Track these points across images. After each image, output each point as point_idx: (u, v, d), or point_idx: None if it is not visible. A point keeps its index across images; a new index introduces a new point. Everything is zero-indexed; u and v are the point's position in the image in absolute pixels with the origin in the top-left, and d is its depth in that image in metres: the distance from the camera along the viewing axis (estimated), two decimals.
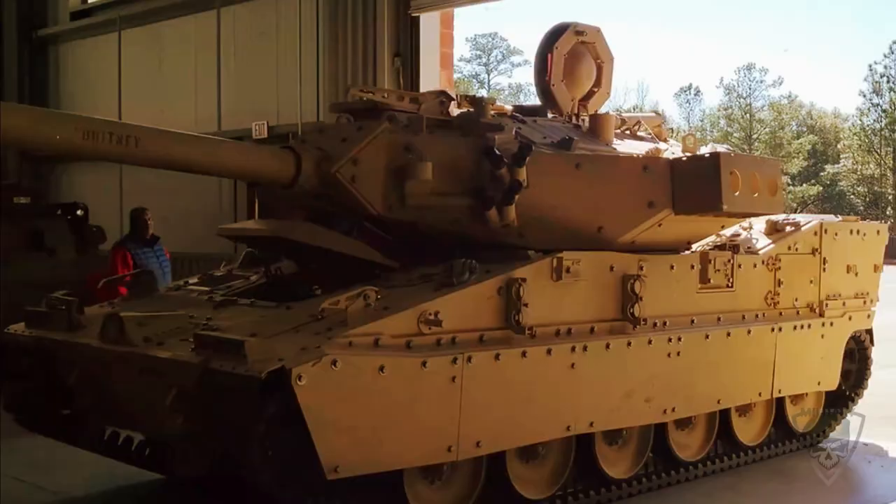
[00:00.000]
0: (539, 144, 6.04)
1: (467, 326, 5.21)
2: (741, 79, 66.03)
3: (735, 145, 50.46)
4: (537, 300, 5.49)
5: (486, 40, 72.64)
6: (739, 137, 62.21)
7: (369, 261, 5.77)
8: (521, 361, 5.33)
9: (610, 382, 5.87)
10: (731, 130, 64.29)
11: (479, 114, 6.09)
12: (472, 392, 5.07)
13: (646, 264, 6.14)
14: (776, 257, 7.15)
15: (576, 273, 5.72)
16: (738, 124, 65.16)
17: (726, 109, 67.12)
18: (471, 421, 5.09)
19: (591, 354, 5.69)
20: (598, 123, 6.79)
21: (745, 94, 65.99)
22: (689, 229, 6.59)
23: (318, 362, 4.40)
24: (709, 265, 6.56)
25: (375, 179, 5.67)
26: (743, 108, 65.81)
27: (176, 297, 6.14)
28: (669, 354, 6.20)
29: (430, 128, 5.95)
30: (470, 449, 5.15)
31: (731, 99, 66.84)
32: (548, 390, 5.51)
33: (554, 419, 5.60)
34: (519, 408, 5.36)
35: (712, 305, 6.66)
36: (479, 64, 73.46)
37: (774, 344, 7.00)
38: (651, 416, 6.21)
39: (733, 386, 6.76)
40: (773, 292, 7.13)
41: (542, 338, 5.53)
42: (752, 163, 6.41)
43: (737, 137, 61.87)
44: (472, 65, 72.86)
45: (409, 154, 5.68)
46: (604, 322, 5.93)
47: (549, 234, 5.89)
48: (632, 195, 6.17)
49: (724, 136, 60.55)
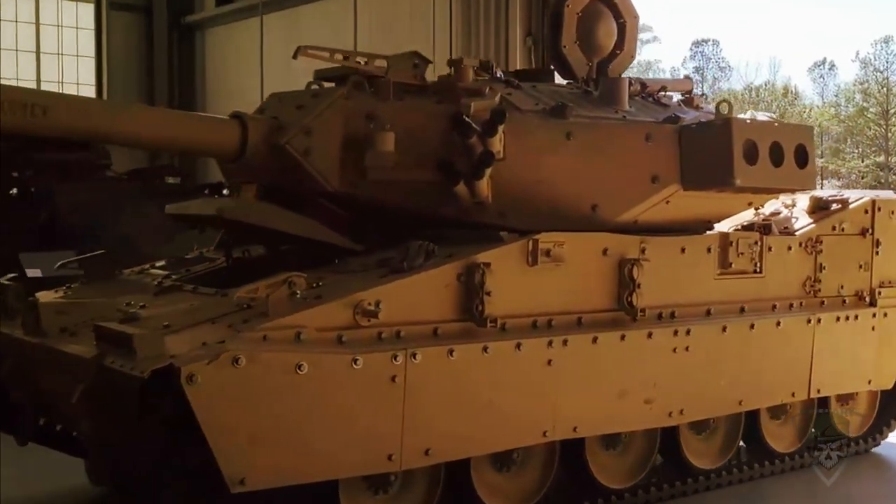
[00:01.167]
0: (526, 111, 5.35)
1: (418, 318, 4.58)
2: (878, 52, 63.12)
3: (871, 120, 48.26)
4: (507, 288, 4.82)
5: None
6: (876, 112, 59.53)
7: (329, 244, 5.20)
8: (482, 358, 4.66)
9: (598, 381, 5.15)
10: (868, 105, 61.62)
11: (458, 78, 5.44)
12: (417, 393, 4.43)
13: (649, 247, 5.39)
14: (817, 239, 6.27)
15: (557, 257, 5.01)
16: (874, 99, 62.38)
17: (862, 84, 64.33)
18: (417, 426, 4.46)
19: (573, 349, 4.98)
20: (609, 89, 6.02)
21: (883, 67, 63.06)
22: (707, 207, 5.79)
23: (214, 360, 3.84)
24: (730, 248, 5.76)
25: (331, 152, 5.07)
26: (880, 82, 62.96)
27: (130, 282, 5.67)
28: (675, 349, 5.43)
29: (401, 94, 5.34)
30: (417, 458, 4.52)
31: (867, 73, 64.00)
32: (518, 390, 4.82)
33: (526, 423, 4.91)
34: (480, 411, 4.70)
35: (735, 294, 5.85)
36: None
37: (812, 337, 6.13)
38: (653, 420, 5.46)
39: (759, 385, 5.93)
40: (812, 278, 6.26)
41: (514, 331, 4.85)
42: (776, 130, 5.53)
43: (873, 112, 59.23)
44: None
45: (371, 123, 5.08)
46: (595, 313, 5.22)
47: (535, 213, 5.20)
48: (632, 169, 5.41)
49: (859, 112, 58.10)
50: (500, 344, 4.72)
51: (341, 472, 4.40)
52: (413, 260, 4.65)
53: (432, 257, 4.71)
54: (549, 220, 5.18)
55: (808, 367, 6.12)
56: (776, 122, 5.66)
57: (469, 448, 4.77)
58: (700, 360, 5.54)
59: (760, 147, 5.33)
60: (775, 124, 5.60)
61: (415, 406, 4.42)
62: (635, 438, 5.65)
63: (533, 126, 5.24)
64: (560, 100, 5.55)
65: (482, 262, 4.72)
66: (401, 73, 5.43)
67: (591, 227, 5.31)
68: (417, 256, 4.67)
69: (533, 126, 5.24)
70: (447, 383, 4.55)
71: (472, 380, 4.64)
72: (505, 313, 4.80)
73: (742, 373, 5.79)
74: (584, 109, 5.56)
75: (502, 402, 4.77)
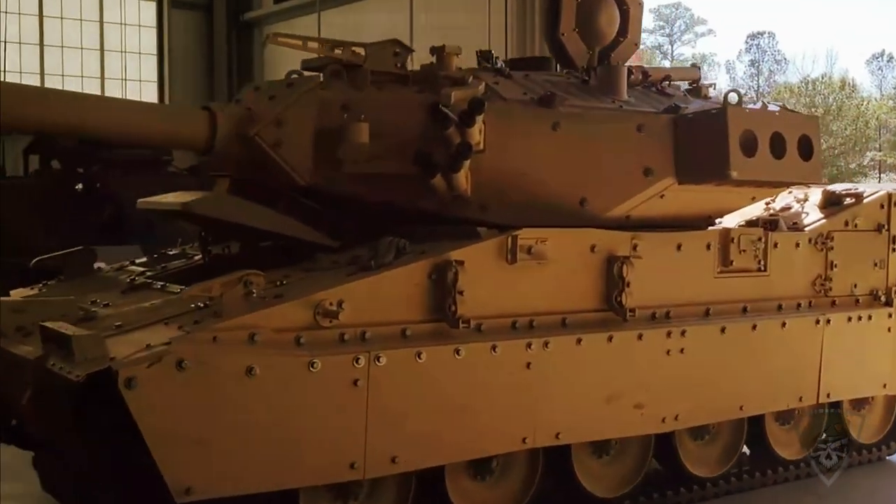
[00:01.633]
0: (511, 101, 5.09)
1: (386, 319, 4.34)
2: None
3: None
4: (483, 287, 4.56)
5: (669, 10, 70.24)
6: None
7: (305, 241, 4.97)
8: (454, 361, 4.41)
9: (583, 385, 4.88)
10: None
11: (440, 66, 5.20)
12: (382, 398, 4.19)
13: (641, 243, 5.11)
14: (827, 235, 5.94)
15: (539, 254, 4.74)
16: None
17: None
18: (382, 433, 4.22)
19: (555, 352, 4.70)
20: (606, 77, 5.73)
21: None
22: (706, 202, 5.48)
23: (156, 362, 3.64)
24: (731, 245, 5.45)
25: (303, 144, 4.86)
26: None
27: (107, 279, 5.50)
28: (669, 352, 5.14)
29: (380, 84, 5.10)
30: (382, 466, 4.28)
31: None
32: (494, 395, 4.56)
33: (503, 430, 4.64)
34: (452, 416, 4.45)
35: (737, 293, 5.55)
36: (663, 35, 70.98)
37: (821, 338, 5.80)
38: (644, 426, 5.16)
39: (762, 389, 5.61)
40: (823, 277, 5.93)
41: (491, 332, 4.59)
42: (777, 120, 5.22)
43: None
44: (654, 35, 70.44)
45: (345, 114, 4.86)
46: (582, 313, 4.95)
47: (520, 208, 4.94)
48: (623, 161, 5.13)
49: None
50: (474, 346, 4.46)
51: (299, 481, 4.17)
52: (382, 257, 4.42)
53: (403, 254, 4.48)
54: (534, 215, 4.93)
55: (816, 370, 5.80)
56: (779, 112, 5.34)
57: (440, 456, 4.52)
58: (697, 362, 5.25)
59: (760, 138, 5.02)
60: (776, 114, 5.27)
61: (379, 411, 4.18)
62: (628, 445, 5.37)
63: (517, 116, 4.99)
64: (552, 89, 5.28)
65: (455, 259, 4.47)
66: (380, 61, 5.19)
67: (580, 222, 5.04)
68: (387, 253, 4.44)
69: (517, 116, 4.99)
70: (415, 387, 4.31)
71: (443, 384, 4.39)
72: (481, 314, 4.55)
73: (744, 376, 5.48)
74: (577, 99, 5.29)
75: (477, 407, 4.51)
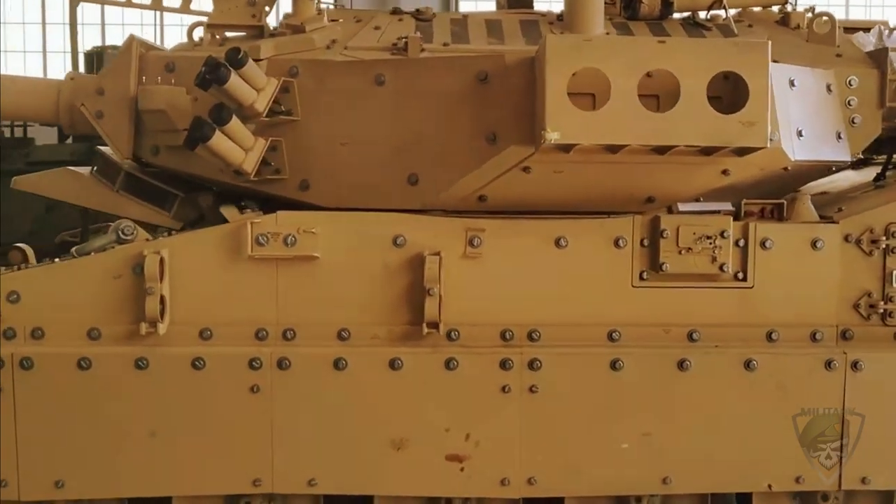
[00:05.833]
0: (354, 49, 4.03)
1: (67, 316, 3.73)
2: None
3: None
4: (199, 288, 3.71)
5: None
6: None
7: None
8: (139, 377, 3.64)
9: (357, 425, 3.70)
10: None
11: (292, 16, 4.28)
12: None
13: (486, 235, 3.72)
14: (887, 229, 3.75)
15: (306, 248, 3.70)
16: None
17: None
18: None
19: (295, 377, 3.64)
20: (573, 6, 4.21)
21: None
22: (631, 177, 3.76)
23: None
24: (660, 239, 3.71)
25: (123, 114, 4.36)
26: None
27: None
28: (506, 389, 3.66)
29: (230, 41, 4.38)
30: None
31: None
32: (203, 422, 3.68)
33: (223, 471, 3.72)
34: (140, 444, 3.68)
35: (682, 312, 3.77)
36: None
37: (841, 390, 3.69)
38: (467, 488, 3.76)
39: (712, 461, 3.74)
40: (871, 296, 3.77)
41: (201, 343, 3.71)
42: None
43: None
44: None
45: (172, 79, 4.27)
46: (368, 326, 3.77)
47: (347, 187, 3.91)
48: (458, 124, 3.76)
49: None
50: (162, 354, 3.65)
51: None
52: (89, 245, 3.81)
53: (123, 242, 3.80)
54: (365, 196, 3.87)
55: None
56: (661, 41, 3.39)
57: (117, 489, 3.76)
58: (563, 408, 3.68)
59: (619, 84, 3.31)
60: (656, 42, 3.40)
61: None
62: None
63: (335, 73, 3.92)
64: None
65: (156, 251, 3.67)
66: (229, 14, 4.43)
67: (415, 204, 3.83)
68: (96, 240, 3.82)
69: (335, 73, 3.92)
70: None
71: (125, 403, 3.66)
72: (194, 320, 3.70)
73: (671, 436, 3.72)
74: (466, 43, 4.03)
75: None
